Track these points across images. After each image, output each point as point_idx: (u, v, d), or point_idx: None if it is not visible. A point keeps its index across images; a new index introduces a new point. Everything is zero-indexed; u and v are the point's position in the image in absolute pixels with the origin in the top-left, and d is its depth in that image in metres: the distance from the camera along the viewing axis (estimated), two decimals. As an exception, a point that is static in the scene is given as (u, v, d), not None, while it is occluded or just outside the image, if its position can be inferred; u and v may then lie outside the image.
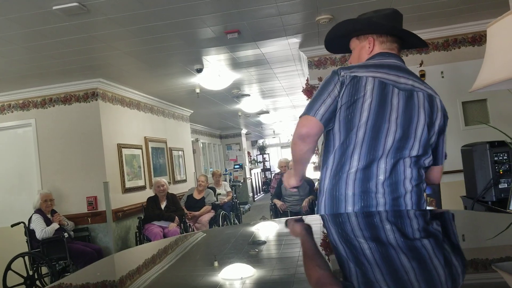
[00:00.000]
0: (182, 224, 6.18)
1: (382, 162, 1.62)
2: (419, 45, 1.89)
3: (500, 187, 2.59)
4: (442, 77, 4.98)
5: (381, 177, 1.61)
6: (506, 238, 1.09)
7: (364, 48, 1.80)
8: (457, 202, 3.06)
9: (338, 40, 1.93)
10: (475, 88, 2.21)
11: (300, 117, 1.68)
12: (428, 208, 2.66)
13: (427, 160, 1.70)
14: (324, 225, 1.47)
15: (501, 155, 2.62)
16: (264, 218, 6.45)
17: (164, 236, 5.84)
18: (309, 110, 1.65)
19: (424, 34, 5.07)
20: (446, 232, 1.24)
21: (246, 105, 9.08)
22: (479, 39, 5.01)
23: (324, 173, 1.72)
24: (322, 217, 1.62)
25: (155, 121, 7.76)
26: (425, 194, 2.86)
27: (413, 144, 1.65)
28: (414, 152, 1.65)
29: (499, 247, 1.00)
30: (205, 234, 1.61)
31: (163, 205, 6.23)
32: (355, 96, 1.63)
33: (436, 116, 1.72)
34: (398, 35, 1.81)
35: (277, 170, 8.32)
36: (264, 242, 1.28)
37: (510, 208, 2.16)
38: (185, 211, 6.67)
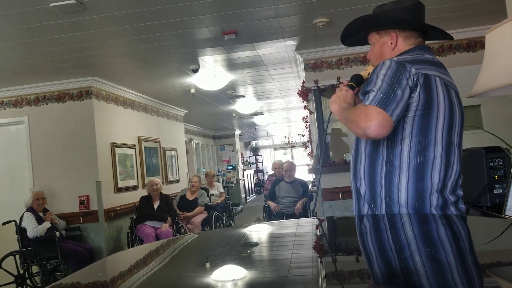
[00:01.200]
0: (174, 225, 6.15)
1: (454, 169, 1.61)
2: (443, 37, 1.80)
3: (495, 192, 2.60)
4: (437, 82, 5.00)
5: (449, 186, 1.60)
6: (503, 242, 1.10)
7: (386, 44, 1.72)
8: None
9: (356, 35, 1.85)
10: (473, 93, 2.22)
11: (374, 104, 1.48)
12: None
13: None
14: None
15: (496, 160, 2.63)
16: (259, 220, 6.44)
17: (157, 236, 5.81)
18: (385, 105, 1.47)
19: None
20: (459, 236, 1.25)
21: (241, 106, 9.07)
22: (474, 46, 5.05)
23: (392, 174, 1.59)
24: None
25: (149, 120, 7.72)
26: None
27: (461, 148, 1.67)
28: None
29: (495, 251, 1.00)
30: (197, 236, 1.61)
31: (156, 205, 6.20)
32: (430, 101, 1.54)
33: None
34: (422, 29, 1.72)
35: (271, 172, 8.32)
36: (256, 244, 1.27)
37: (505, 214, 2.17)
38: (178, 211, 6.64)
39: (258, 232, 1.42)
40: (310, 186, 6.89)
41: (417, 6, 1.71)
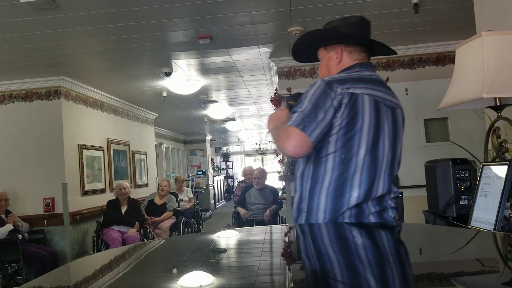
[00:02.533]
0: (142, 230, 6.05)
1: (380, 185, 1.63)
2: (387, 53, 1.85)
3: (461, 203, 2.67)
4: (406, 94, 5.13)
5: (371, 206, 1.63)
6: (467, 252, 1.12)
7: (332, 59, 1.77)
8: (419, 216, 3.13)
9: (305, 50, 1.89)
10: (442, 106, 2.27)
11: (292, 125, 1.55)
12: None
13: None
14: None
15: (463, 172, 2.70)
16: (229, 226, 6.41)
17: (123, 241, 5.69)
18: (304, 126, 1.53)
19: (391, 51, 5.22)
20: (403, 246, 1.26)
21: (213, 112, 9.04)
22: (443, 60, 5.21)
23: (313, 189, 1.64)
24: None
25: (118, 123, 7.58)
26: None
27: (395, 165, 1.70)
28: (395, 171, 1.71)
29: (459, 261, 1.02)
30: (164, 241, 1.59)
31: (123, 210, 6.08)
32: (355, 119, 1.57)
33: (403, 129, 1.76)
34: (367, 45, 1.78)
35: (241, 178, 8.31)
36: (224, 250, 1.26)
37: (471, 224, 2.22)
38: (146, 216, 6.54)
39: (227, 238, 1.42)
40: (280, 193, 6.91)
41: (361, 22, 1.78)
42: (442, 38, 4.99)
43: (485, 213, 2.08)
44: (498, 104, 2.07)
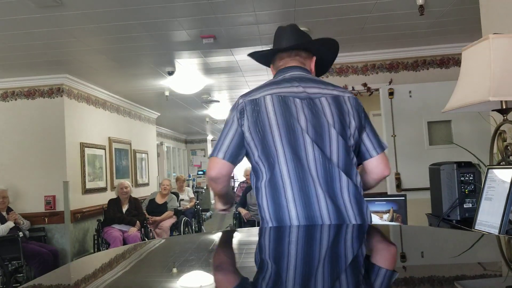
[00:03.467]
0: (142, 229, 6.04)
1: (313, 175, 1.55)
2: (331, 54, 1.86)
3: (465, 206, 2.65)
4: (410, 96, 5.11)
5: (322, 199, 1.54)
6: (471, 255, 1.11)
7: (272, 68, 1.83)
8: (423, 219, 3.12)
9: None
10: (448, 109, 2.26)
11: (209, 157, 1.69)
12: (394, 223, 2.69)
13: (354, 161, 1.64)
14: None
15: (467, 175, 2.69)
16: (230, 227, 6.40)
17: (124, 240, 5.69)
18: (214, 150, 1.64)
19: (395, 53, 5.22)
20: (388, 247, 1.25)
21: (215, 112, 9.04)
22: (447, 62, 5.20)
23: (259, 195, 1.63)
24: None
25: (120, 121, 7.58)
26: (391, 209, 2.90)
27: (331, 152, 1.59)
28: (335, 159, 1.59)
29: (463, 264, 1.01)
30: (165, 241, 1.58)
31: (124, 209, 6.07)
32: (259, 119, 1.58)
33: (346, 116, 1.64)
34: (295, 48, 1.76)
35: (242, 179, 8.30)
36: (225, 251, 1.25)
37: (475, 228, 2.21)
38: (147, 215, 6.53)
39: (228, 239, 1.41)
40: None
41: (279, 29, 1.83)
42: (446, 40, 4.98)
43: (489, 216, 2.07)
44: (504, 107, 2.05)
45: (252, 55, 1.89)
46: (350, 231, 1.48)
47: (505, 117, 2.08)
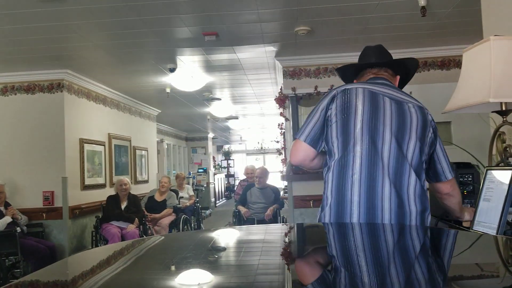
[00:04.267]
0: (141, 226, 6.04)
1: (385, 163, 1.63)
2: (411, 65, 2.09)
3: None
4: (411, 97, 5.11)
5: (387, 187, 1.61)
6: (469, 255, 1.11)
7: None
8: (421, 219, 3.12)
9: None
10: (448, 109, 2.26)
11: (293, 140, 1.77)
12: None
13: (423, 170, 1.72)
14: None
15: (467, 176, 2.69)
16: (230, 224, 6.40)
17: (122, 237, 5.68)
18: (299, 134, 1.72)
19: (396, 54, 5.18)
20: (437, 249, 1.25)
21: (216, 109, 9.02)
22: (448, 64, 5.19)
23: (326, 179, 1.72)
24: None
25: (120, 118, 7.58)
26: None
27: (407, 149, 1.67)
28: (410, 157, 1.67)
29: (461, 264, 1.01)
30: (164, 238, 1.58)
31: (123, 205, 6.07)
32: (348, 104, 1.69)
33: (428, 128, 1.76)
34: (383, 66, 1.94)
35: (242, 177, 8.29)
36: (224, 249, 1.25)
37: (473, 228, 2.20)
38: (145, 212, 6.52)
39: (227, 236, 1.40)
40: (282, 193, 6.89)
41: (367, 49, 2.03)
42: (447, 42, 4.97)
43: (488, 217, 2.06)
44: (504, 109, 2.05)
45: (339, 69, 2.05)
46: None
47: (504, 119, 2.07)
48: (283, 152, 5.89)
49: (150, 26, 4.15)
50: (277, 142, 7.46)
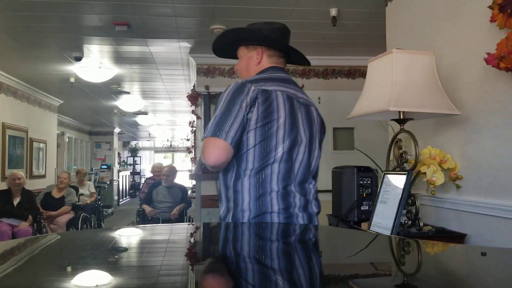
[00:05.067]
0: (35, 224, 5.61)
1: (296, 180, 1.68)
2: (303, 62, 1.96)
3: (362, 208, 2.82)
4: (319, 102, 5.34)
5: (297, 197, 1.67)
6: (365, 254, 1.18)
7: (252, 59, 1.83)
8: (323, 219, 3.27)
9: (226, 46, 1.92)
10: (352, 115, 2.39)
11: (207, 136, 1.57)
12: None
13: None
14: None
15: (366, 179, 2.86)
16: (133, 223, 6.17)
17: (13, 235, 5.24)
18: (219, 132, 1.55)
19: (307, 60, 5.42)
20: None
21: (124, 103, 8.68)
22: (353, 73, 5.52)
23: (237, 184, 1.66)
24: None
25: (17, 107, 6.98)
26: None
27: (315, 157, 1.76)
28: (313, 165, 1.76)
29: (357, 263, 1.06)
30: (60, 237, 1.48)
31: (16, 201, 5.60)
32: (270, 113, 1.62)
33: (324, 132, 1.87)
34: (286, 51, 1.86)
35: (149, 175, 8.07)
36: (125, 249, 1.20)
37: (370, 229, 2.35)
38: (41, 209, 6.07)
39: (129, 236, 1.35)
40: (189, 192, 6.82)
41: (284, 29, 1.87)
42: (354, 52, 5.28)
43: (383, 219, 2.21)
44: (402, 117, 2.22)
45: (235, 31, 1.85)
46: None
47: (402, 127, 2.24)
48: (193, 151, 5.83)
49: (56, 10, 3.86)
50: (188, 140, 7.38)
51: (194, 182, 6.91)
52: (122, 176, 15.13)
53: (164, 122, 12.97)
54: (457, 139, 2.38)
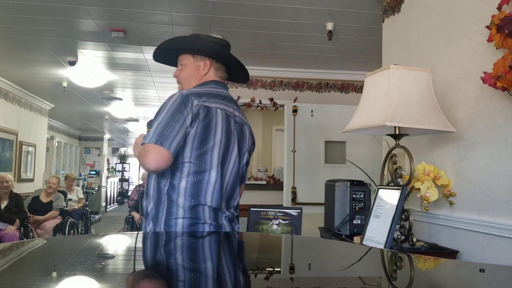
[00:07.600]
0: (22, 228, 5.52)
1: (224, 196, 1.76)
2: (242, 79, 2.03)
3: (354, 222, 2.82)
4: (312, 115, 5.37)
5: (226, 214, 1.78)
6: (357, 267, 1.17)
7: (199, 69, 1.84)
8: (315, 232, 3.26)
9: (170, 52, 1.91)
10: (348, 129, 2.40)
11: (149, 142, 1.59)
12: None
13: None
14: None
15: (359, 193, 2.86)
16: (124, 230, 6.11)
17: (0, 239, 5.16)
18: (162, 140, 1.59)
19: (301, 73, 5.46)
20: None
21: (116, 109, 8.64)
22: (347, 87, 5.56)
23: (172, 193, 1.70)
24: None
25: (7, 109, 6.91)
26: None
27: (238, 177, 1.85)
28: (238, 181, 1.87)
29: (348, 277, 1.06)
30: (46, 242, 1.46)
31: (3, 205, 5.52)
32: (208, 131, 1.68)
33: (251, 145, 1.93)
34: (228, 65, 1.92)
35: (140, 182, 8.01)
36: (112, 256, 1.19)
37: (363, 243, 2.35)
38: (28, 214, 5.99)
39: (116, 243, 1.33)
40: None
41: (228, 46, 1.92)
42: (348, 67, 5.32)
43: (376, 233, 2.22)
44: (397, 132, 2.23)
45: (192, 37, 1.87)
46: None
47: (397, 142, 2.26)
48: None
49: (52, 13, 3.85)
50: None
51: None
52: (111, 182, 15.00)
53: (155, 129, 12.89)
54: (451, 156, 2.40)
